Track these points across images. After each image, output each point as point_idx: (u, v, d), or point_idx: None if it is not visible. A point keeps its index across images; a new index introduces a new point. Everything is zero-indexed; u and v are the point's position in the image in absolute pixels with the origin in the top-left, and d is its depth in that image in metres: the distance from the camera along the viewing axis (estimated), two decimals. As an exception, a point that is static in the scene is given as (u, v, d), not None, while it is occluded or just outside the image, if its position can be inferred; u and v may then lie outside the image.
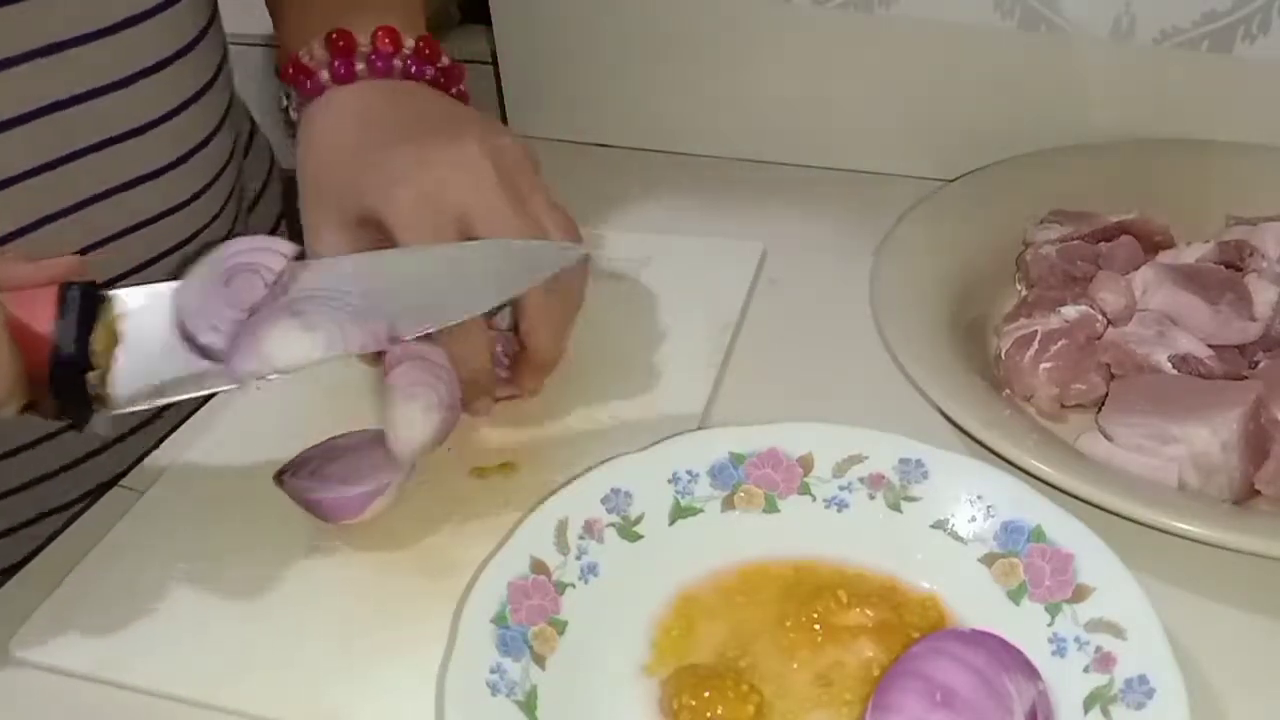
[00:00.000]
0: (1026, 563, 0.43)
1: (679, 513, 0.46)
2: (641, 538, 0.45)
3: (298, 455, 0.49)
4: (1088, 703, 0.38)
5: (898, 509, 0.46)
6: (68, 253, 0.44)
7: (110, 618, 0.46)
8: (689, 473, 0.47)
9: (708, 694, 0.39)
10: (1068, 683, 0.39)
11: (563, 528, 0.44)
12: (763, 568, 0.45)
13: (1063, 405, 0.53)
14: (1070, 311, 0.54)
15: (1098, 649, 0.40)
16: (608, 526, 0.45)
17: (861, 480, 0.46)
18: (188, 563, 0.48)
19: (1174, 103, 0.67)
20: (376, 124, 0.53)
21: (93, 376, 0.41)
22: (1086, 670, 0.39)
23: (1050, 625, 0.41)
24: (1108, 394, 0.51)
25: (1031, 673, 0.38)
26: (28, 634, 0.45)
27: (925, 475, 0.46)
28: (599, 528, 0.45)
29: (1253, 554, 0.43)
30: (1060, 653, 0.40)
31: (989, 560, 0.44)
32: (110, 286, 0.43)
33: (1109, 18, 0.65)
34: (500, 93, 0.82)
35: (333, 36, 0.54)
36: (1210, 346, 0.52)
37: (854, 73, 0.72)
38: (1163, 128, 0.67)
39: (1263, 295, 0.54)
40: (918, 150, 0.72)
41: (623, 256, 0.65)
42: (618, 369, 0.57)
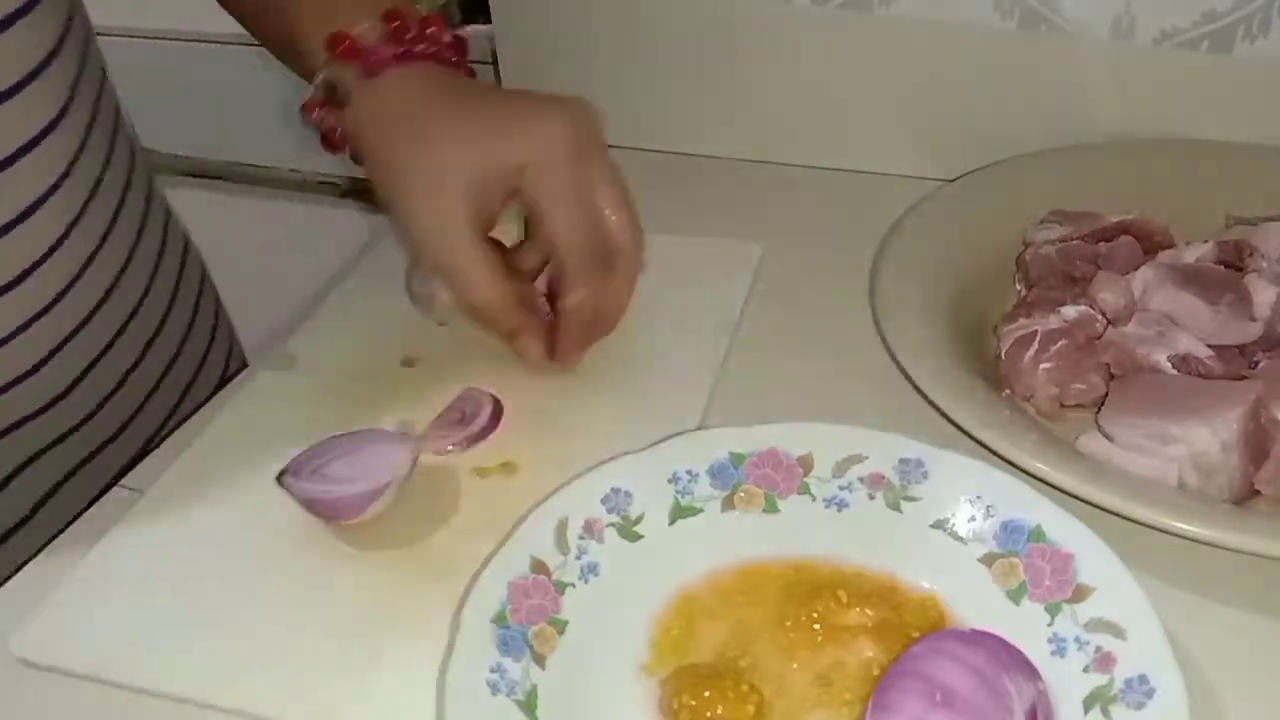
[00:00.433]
0: (1026, 563, 0.43)
1: (679, 512, 0.46)
2: (641, 537, 0.45)
3: (298, 455, 0.49)
4: (1088, 703, 0.38)
5: (897, 509, 0.46)
6: None
7: (110, 618, 0.46)
8: (689, 473, 0.47)
9: (708, 694, 0.39)
10: (1068, 683, 0.39)
11: (563, 527, 0.44)
12: (763, 567, 0.45)
13: (1063, 405, 0.53)
14: (1070, 311, 0.54)
15: (1098, 649, 0.40)
16: (608, 526, 0.45)
17: (861, 480, 0.46)
18: (188, 562, 0.48)
19: (1174, 103, 0.67)
20: (469, 91, 0.53)
21: None
22: (1086, 670, 0.39)
23: (1050, 625, 0.41)
24: (1107, 394, 0.51)
25: (1031, 673, 0.38)
26: (28, 634, 0.45)
27: (925, 475, 0.46)
28: (599, 527, 0.45)
29: (1253, 554, 0.43)
30: (1060, 653, 0.40)
31: (989, 560, 0.44)
32: None
33: (1109, 18, 0.65)
34: (500, 93, 0.83)
35: (387, 14, 0.52)
36: (1210, 346, 0.52)
37: (854, 73, 0.72)
38: (1163, 128, 0.67)
39: (1263, 295, 0.54)
40: (918, 150, 0.72)
41: (623, 256, 0.65)
42: (618, 369, 0.57)
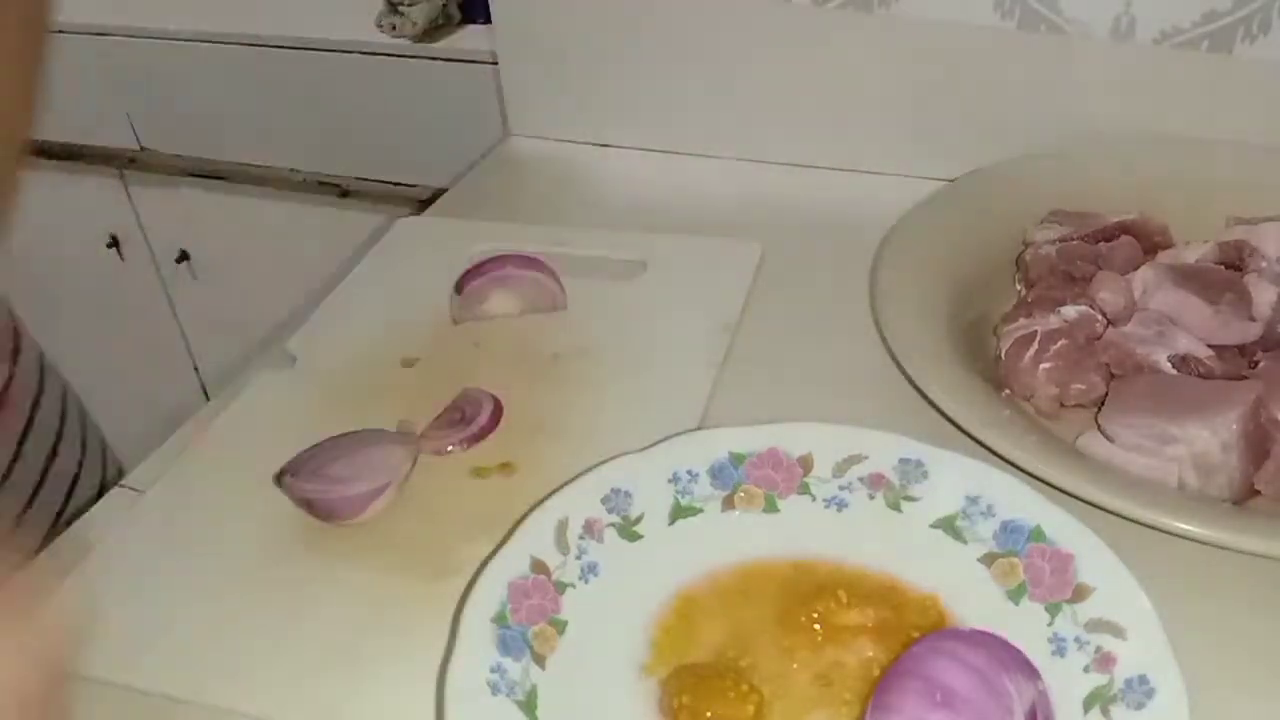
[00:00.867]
0: (1026, 562, 0.43)
1: (679, 512, 0.46)
2: (641, 537, 0.45)
3: (298, 455, 0.49)
4: (1088, 702, 0.38)
5: (897, 509, 0.46)
6: None
7: (110, 618, 0.46)
8: (689, 472, 0.47)
9: (707, 694, 0.39)
10: (1068, 682, 0.39)
11: (563, 527, 0.44)
12: (762, 567, 0.45)
13: (1063, 405, 0.53)
14: (1070, 311, 0.54)
15: (1098, 649, 0.40)
16: (608, 526, 0.45)
17: (861, 480, 0.46)
18: (188, 563, 0.48)
19: (1174, 103, 0.67)
20: None
21: None
22: (1086, 670, 0.39)
23: (1050, 625, 0.41)
24: (1107, 394, 0.51)
25: (1031, 673, 0.38)
26: (28, 634, 0.45)
27: (925, 475, 0.46)
28: (599, 527, 0.45)
29: (1253, 554, 0.43)
30: (1060, 652, 0.40)
31: (989, 560, 0.44)
32: None
33: (1109, 18, 0.65)
34: (500, 93, 0.83)
35: None
36: (1210, 346, 0.52)
37: (854, 73, 0.72)
38: (1163, 128, 0.67)
39: (1263, 295, 0.54)
40: (918, 150, 0.72)
41: (622, 257, 0.66)
42: (618, 369, 0.57)
